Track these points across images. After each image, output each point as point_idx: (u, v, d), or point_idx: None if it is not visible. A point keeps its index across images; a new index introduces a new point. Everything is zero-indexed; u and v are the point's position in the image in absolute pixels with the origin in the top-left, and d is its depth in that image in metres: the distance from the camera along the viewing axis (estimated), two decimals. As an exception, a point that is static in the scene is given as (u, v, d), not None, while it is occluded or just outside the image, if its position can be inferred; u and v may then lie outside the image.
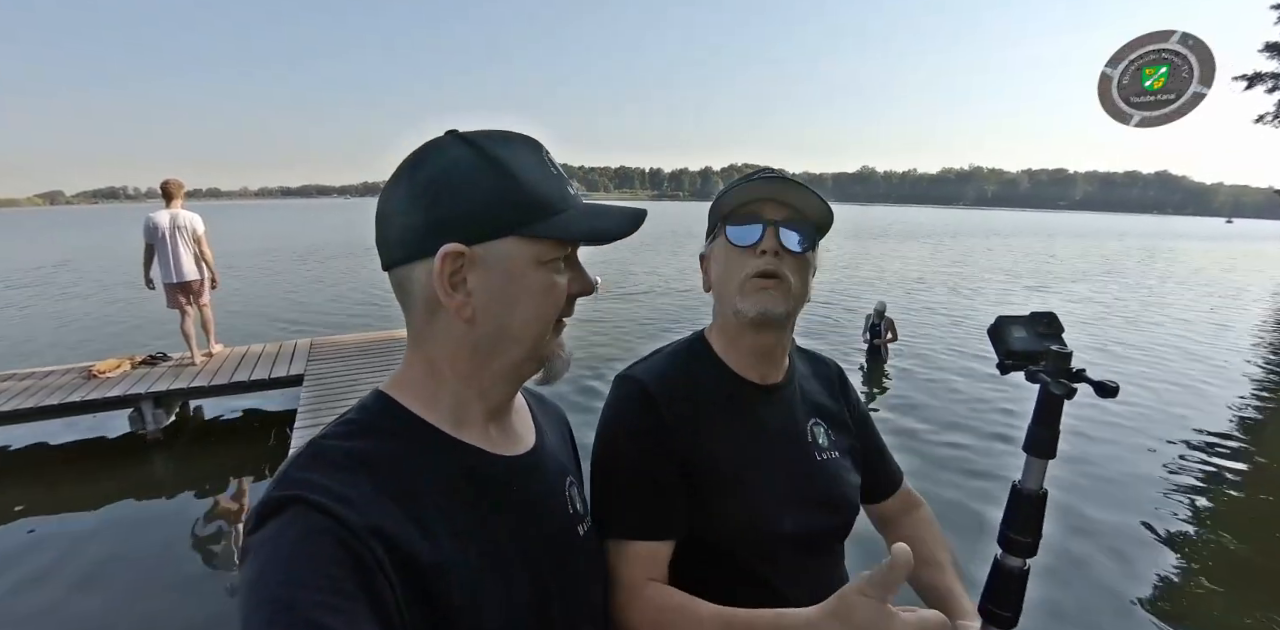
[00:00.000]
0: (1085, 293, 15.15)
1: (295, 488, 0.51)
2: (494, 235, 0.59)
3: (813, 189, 0.91)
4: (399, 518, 0.54)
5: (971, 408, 6.16)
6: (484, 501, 0.63)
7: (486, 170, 0.59)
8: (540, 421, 0.80)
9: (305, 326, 9.84)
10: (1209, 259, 28.37)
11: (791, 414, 1.01)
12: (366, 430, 0.60)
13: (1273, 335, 10.64)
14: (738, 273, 0.92)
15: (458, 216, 0.59)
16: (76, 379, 5.43)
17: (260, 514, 0.50)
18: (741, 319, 0.92)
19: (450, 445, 0.63)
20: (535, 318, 0.63)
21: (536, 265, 0.62)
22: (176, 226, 5.51)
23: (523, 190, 0.60)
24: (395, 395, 0.64)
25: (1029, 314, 0.70)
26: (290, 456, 0.57)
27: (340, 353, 6.32)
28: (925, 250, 27.94)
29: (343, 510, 0.50)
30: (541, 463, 0.73)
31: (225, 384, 5.45)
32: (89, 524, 3.99)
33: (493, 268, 0.60)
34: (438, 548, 0.55)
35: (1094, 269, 21.40)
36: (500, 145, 0.61)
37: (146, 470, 4.90)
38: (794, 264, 0.91)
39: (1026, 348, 0.67)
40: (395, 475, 0.57)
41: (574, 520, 0.74)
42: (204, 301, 5.87)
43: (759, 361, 0.99)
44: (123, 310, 11.59)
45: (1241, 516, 4.24)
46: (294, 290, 14.27)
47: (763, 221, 0.91)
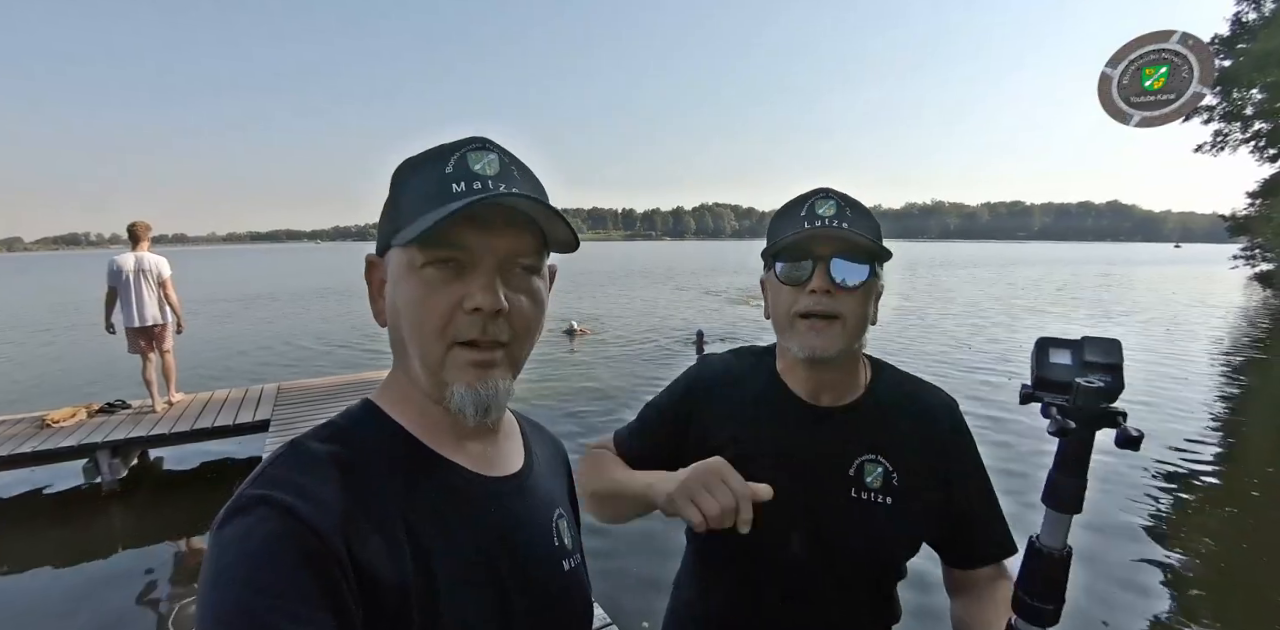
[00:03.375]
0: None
1: (269, 486, 0.51)
2: (385, 246, 0.63)
3: (862, 232, 0.86)
4: (367, 526, 0.53)
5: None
6: (455, 518, 0.60)
7: (393, 188, 0.64)
8: (533, 450, 0.77)
9: (272, 371, 9.60)
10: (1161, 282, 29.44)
11: (839, 442, 0.94)
12: (346, 435, 0.60)
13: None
14: (786, 309, 0.90)
15: (379, 232, 0.66)
16: (29, 428, 5.20)
17: (231, 510, 0.49)
18: (793, 355, 0.92)
19: (426, 458, 0.62)
20: (413, 327, 0.60)
21: (410, 271, 0.59)
22: (141, 270, 5.41)
23: (401, 203, 0.62)
24: (380, 403, 0.64)
25: (1078, 339, 0.61)
26: (270, 454, 0.56)
27: (308, 397, 6.17)
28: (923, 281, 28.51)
29: (312, 513, 0.49)
30: (526, 489, 0.70)
31: (187, 431, 5.26)
32: (38, 584, 3.76)
33: (389, 276, 0.63)
34: (401, 560, 0.54)
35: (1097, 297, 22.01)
36: (408, 162, 0.63)
37: (101, 524, 4.66)
38: (849, 298, 0.87)
39: (1056, 377, 0.58)
40: (368, 482, 0.56)
41: (559, 553, 0.70)
42: (166, 348, 5.71)
43: (814, 388, 0.96)
44: (81, 356, 11.20)
45: (1216, 528, 4.29)
46: (262, 334, 13.97)
47: (812, 257, 0.88)
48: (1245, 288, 25.05)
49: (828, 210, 0.89)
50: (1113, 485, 4.92)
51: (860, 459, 0.93)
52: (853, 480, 0.92)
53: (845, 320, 0.87)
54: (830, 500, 0.92)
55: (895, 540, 0.94)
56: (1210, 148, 22.69)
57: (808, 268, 0.87)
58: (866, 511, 0.91)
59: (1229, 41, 20.14)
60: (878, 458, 0.93)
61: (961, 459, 0.97)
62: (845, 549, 0.92)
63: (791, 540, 0.91)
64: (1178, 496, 4.81)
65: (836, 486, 0.92)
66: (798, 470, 0.92)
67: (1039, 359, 0.61)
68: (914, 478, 0.94)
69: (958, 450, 0.97)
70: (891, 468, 0.93)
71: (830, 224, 0.87)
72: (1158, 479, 5.12)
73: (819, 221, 0.88)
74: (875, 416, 0.96)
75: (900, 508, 0.92)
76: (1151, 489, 4.92)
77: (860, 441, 0.94)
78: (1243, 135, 21.76)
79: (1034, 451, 5.48)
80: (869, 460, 0.93)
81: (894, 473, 0.93)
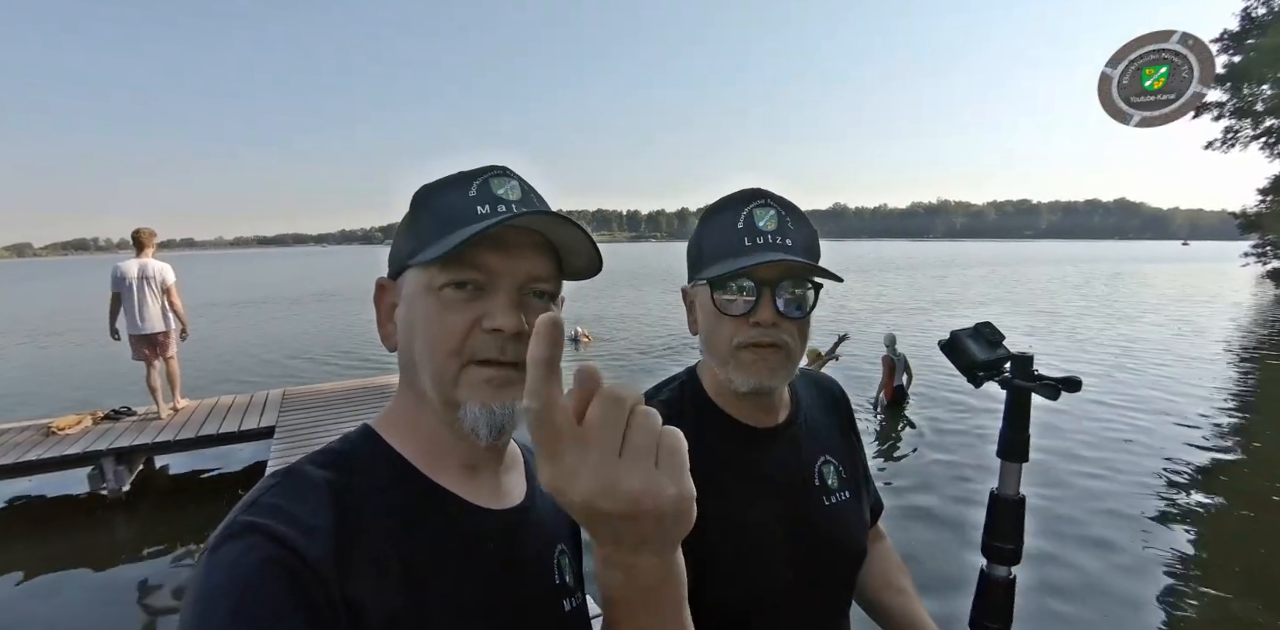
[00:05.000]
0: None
1: (261, 514, 0.50)
2: (401, 267, 0.63)
3: (805, 257, 0.81)
4: (360, 558, 0.51)
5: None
6: (450, 550, 0.58)
7: (411, 210, 0.64)
8: (536, 481, 0.73)
9: (278, 376, 9.61)
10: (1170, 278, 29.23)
11: (796, 456, 0.92)
12: (344, 461, 0.59)
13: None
14: (728, 340, 0.82)
15: (391, 255, 0.65)
16: (34, 436, 5.19)
17: (222, 536, 0.49)
18: (734, 388, 0.83)
19: (426, 489, 0.60)
20: (428, 348, 0.59)
21: (427, 292, 0.59)
22: (145, 276, 5.39)
23: (423, 224, 0.62)
24: (380, 429, 0.63)
25: (974, 325, 0.71)
26: (265, 478, 0.55)
27: (314, 402, 6.15)
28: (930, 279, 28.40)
29: (304, 543, 0.48)
30: (527, 523, 0.67)
31: (192, 438, 5.25)
32: (42, 592, 3.74)
33: (403, 298, 0.62)
34: (392, 598, 0.52)
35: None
36: (431, 184, 0.64)
37: (105, 532, 4.64)
38: (794, 327, 0.81)
39: (990, 356, 0.68)
40: (363, 513, 0.55)
41: (559, 592, 0.67)
42: (170, 354, 5.70)
43: (757, 409, 0.90)
44: (86, 363, 11.25)
45: (1228, 527, 4.21)
46: (267, 339, 14.01)
47: (755, 281, 0.79)
48: (1257, 285, 24.84)
49: (769, 223, 0.81)
50: (1123, 483, 4.86)
51: (817, 465, 0.93)
52: (819, 489, 0.91)
53: (789, 348, 0.81)
54: (811, 519, 0.89)
55: (863, 529, 0.96)
56: (1220, 144, 22.49)
57: (752, 298, 0.79)
58: (839, 513, 0.92)
59: (1238, 37, 19.96)
60: (827, 458, 0.94)
61: (855, 426, 1.05)
62: (835, 558, 0.91)
63: (782, 568, 0.85)
64: (1193, 498, 4.74)
65: (812, 502, 0.90)
66: (774, 502, 0.87)
67: (963, 348, 0.69)
68: (850, 462, 0.98)
69: (852, 420, 1.05)
70: (838, 462, 0.95)
71: (773, 242, 0.81)
72: (1172, 486, 5.04)
73: (760, 237, 0.80)
74: (809, 419, 0.96)
75: (855, 497, 0.96)
76: (1165, 491, 4.85)
77: (812, 449, 0.94)
78: (1253, 131, 21.56)
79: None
80: (823, 463, 0.94)
81: (840, 466, 0.95)
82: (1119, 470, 5.25)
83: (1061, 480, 4.97)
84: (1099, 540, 4.03)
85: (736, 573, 0.83)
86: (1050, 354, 10.33)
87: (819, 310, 0.82)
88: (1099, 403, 7.25)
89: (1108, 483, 4.99)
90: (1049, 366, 0.69)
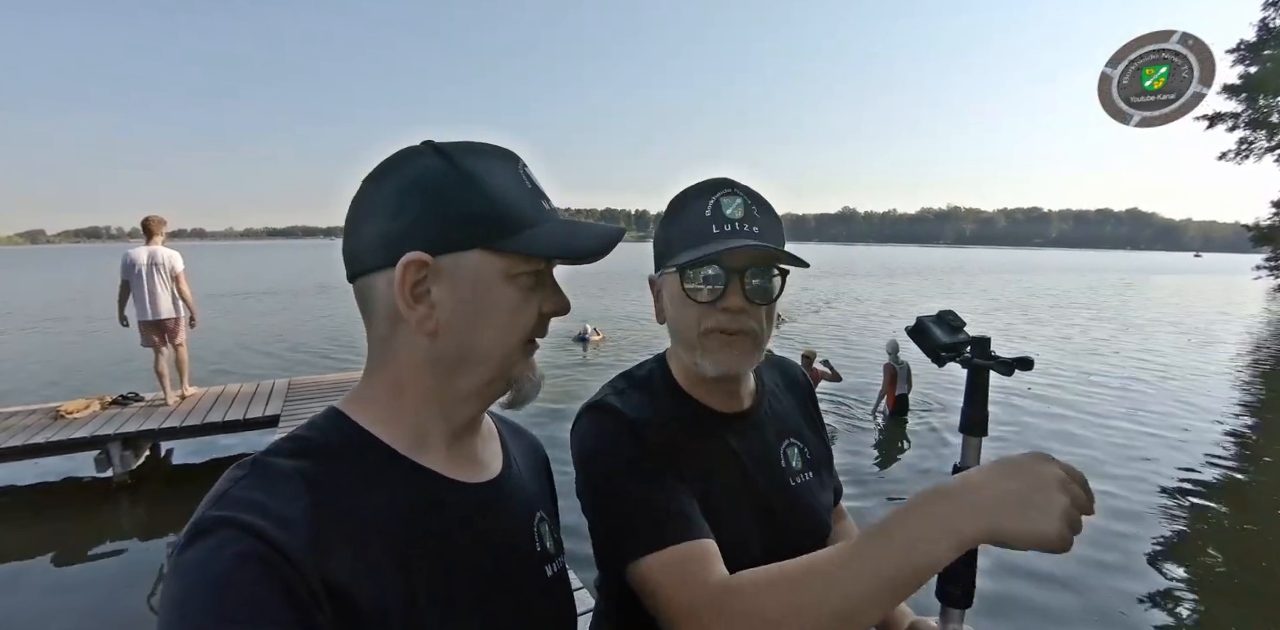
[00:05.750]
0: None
1: (231, 508, 0.47)
2: (460, 246, 0.58)
3: (773, 243, 0.82)
4: (339, 545, 0.50)
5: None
6: (437, 532, 0.58)
7: (457, 180, 0.58)
8: (511, 451, 0.75)
9: (285, 366, 9.68)
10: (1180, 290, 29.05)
11: (762, 440, 0.94)
12: (314, 448, 0.56)
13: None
14: (694, 325, 0.83)
15: (424, 226, 0.57)
16: (43, 419, 5.26)
17: (191, 534, 0.46)
18: (702, 373, 0.85)
19: (405, 469, 0.59)
20: (502, 336, 0.61)
21: (504, 280, 0.59)
22: (154, 263, 5.44)
23: (492, 202, 0.58)
24: (350, 412, 0.60)
25: (937, 313, 0.75)
26: (229, 471, 0.52)
27: (319, 392, 6.20)
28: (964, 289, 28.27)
29: (279, 534, 0.46)
30: (506, 494, 0.68)
31: (198, 424, 5.30)
32: (46, 573, 3.80)
33: (458, 281, 0.58)
34: (378, 580, 0.51)
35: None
36: (473, 156, 0.60)
37: (111, 515, 4.70)
38: (760, 313, 0.83)
39: (952, 340, 0.72)
40: (339, 498, 0.53)
41: (541, 559, 0.69)
42: (179, 341, 5.75)
43: (724, 395, 0.92)
44: (96, 348, 11.36)
45: (1224, 533, 4.20)
46: (274, 329, 14.10)
47: (724, 269, 0.81)
48: (1270, 298, 24.64)
49: (736, 211, 0.82)
50: (1125, 497, 4.84)
51: (782, 447, 0.95)
52: (785, 471, 0.94)
53: (756, 334, 0.83)
54: (778, 500, 0.91)
55: (826, 509, 0.99)
56: (1234, 156, 22.34)
57: (720, 285, 0.81)
58: (804, 494, 0.94)
59: (1255, 47, 19.81)
60: (791, 439, 0.97)
61: (817, 408, 1.08)
62: (803, 537, 0.91)
63: (752, 548, 0.87)
64: (1196, 511, 4.72)
65: (778, 483, 0.92)
66: (743, 484, 0.89)
67: (928, 332, 0.73)
68: (814, 443, 1.01)
69: (814, 402, 1.08)
70: (802, 444, 0.98)
71: (741, 229, 0.82)
72: (1177, 495, 5.02)
73: (728, 225, 0.82)
74: (774, 402, 0.99)
75: (819, 477, 0.99)
76: (1169, 504, 4.83)
77: (777, 431, 0.96)
78: (1268, 143, 21.41)
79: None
80: (788, 445, 0.96)
81: (805, 447, 0.98)
82: (1119, 478, 5.24)
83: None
84: (1084, 562, 4.03)
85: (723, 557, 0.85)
86: (1057, 364, 10.29)
87: (833, 312, 0.84)
88: (1100, 414, 7.23)
89: (1110, 498, 4.97)
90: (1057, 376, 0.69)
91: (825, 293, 23.55)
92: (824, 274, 36.67)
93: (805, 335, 12.73)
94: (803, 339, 11.97)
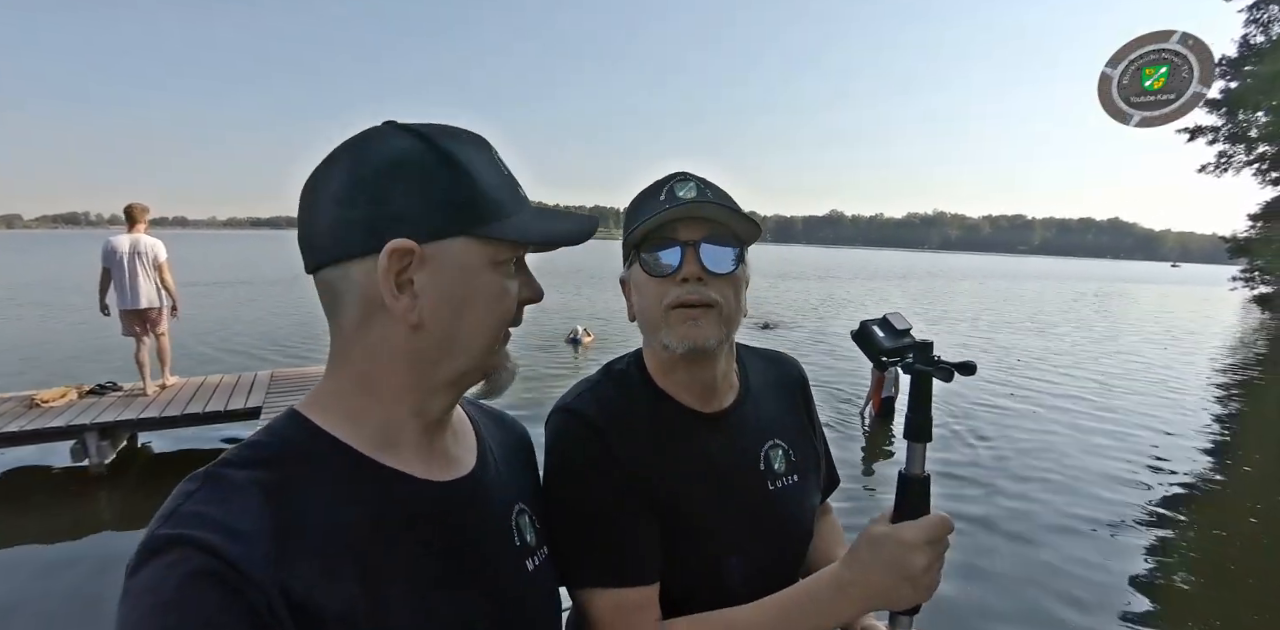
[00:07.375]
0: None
1: (182, 525, 0.45)
2: (446, 234, 0.55)
3: (729, 204, 0.83)
4: (300, 557, 0.48)
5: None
6: (409, 537, 0.56)
7: (438, 164, 0.55)
8: (487, 442, 0.73)
9: (268, 357, 9.56)
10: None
11: (741, 442, 0.92)
12: (272, 455, 0.54)
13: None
14: (658, 302, 0.83)
15: (407, 212, 0.54)
16: (17, 407, 5.17)
17: (141, 554, 0.44)
18: (671, 353, 0.84)
19: (372, 471, 0.57)
20: (485, 324, 0.59)
21: (490, 268, 0.58)
22: (137, 252, 5.36)
23: (477, 188, 0.56)
24: (311, 415, 0.58)
25: (881, 317, 0.75)
26: (180, 485, 0.50)
27: (303, 385, 6.13)
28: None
29: (234, 549, 0.45)
30: (481, 488, 0.66)
31: (177, 415, 5.23)
32: (19, 563, 3.74)
33: (443, 269, 0.56)
34: (344, 591, 0.49)
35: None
36: (450, 140, 0.57)
37: (86, 506, 4.62)
38: (722, 285, 0.83)
39: (894, 344, 0.72)
40: (300, 508, 0.51)
41: (521, 554, 0.67)
42: (161, 330, 5.68)
43: (700, 391, 0.91)
44: (75, 336, 11.14)
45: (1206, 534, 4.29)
46: (258, 320, 13.92)
47: (679, 243, 0.82)
48: (1244, 309, 25.09)
49: (688, 193, 0.84)
50: (1099, 500, 4.93)
51: (763, 450, 0.94)
52: (764, 473, 0.92)
53: (720, 307, 0.83)
54: (756, 504, 0.90)
55: (810, 512, 0.97)
56: (1213, 169, 22.69)
57: (676, 255, 0.82)
58: (785, 498, 0.93)
59: (1236, 63, 20.15)
60: (775, 441, 0.95)
61: (812, 405, 1.06)
62: (783, 542, 0.92)
63: (728, 562, 0.87)
64: (1170, 519, 4.80)
65: (755, 486, 0.91)
66: (717, 487, 0.88)
67: (871, 337, 0.74)
68: (802, 445, 0.99)
69: (810, 400, 1.06)
70: (788, 446, 0.96)
71: (692, 207, 0.83)
72: (1152, 503, 5.11)
73: (681, 205, 0.82)
74: (759, 402, 0.97)
75: (804, 481, 0.97)
76: (1146, 511, 4.91)
77: (758, 433, 0.94)
78: (1246, 157, 21.78)
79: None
80: (770, 447, 0.94)
81: (790, 450, 0.96)
82: (1091, 484, 5.33)
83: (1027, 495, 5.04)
84: (1063, 561, 4.10)
85: (684, 558, 0.85)
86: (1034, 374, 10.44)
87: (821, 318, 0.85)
88: (1075, 425, 7.35)
89: (1076, 497, 5.06)
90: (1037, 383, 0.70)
91: (814, 297, 23.67)
92: (812, 276, 36.80)
93: (796, 342, 12.81)
94: (792, 342, 12.05)
